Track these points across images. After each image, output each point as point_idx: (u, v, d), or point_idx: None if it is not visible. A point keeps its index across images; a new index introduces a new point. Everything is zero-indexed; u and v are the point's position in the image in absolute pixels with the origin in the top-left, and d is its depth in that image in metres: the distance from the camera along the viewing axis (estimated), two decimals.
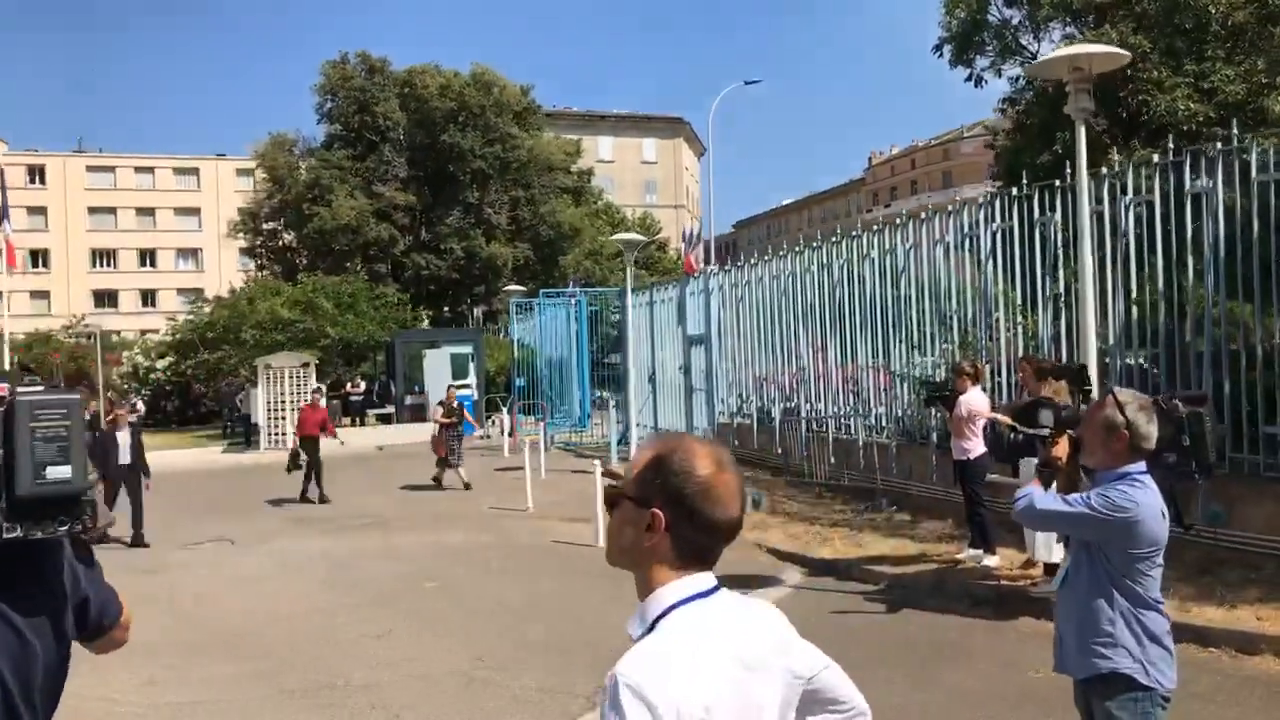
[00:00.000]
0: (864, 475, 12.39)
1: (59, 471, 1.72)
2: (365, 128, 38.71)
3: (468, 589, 9.04)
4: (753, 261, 16.17)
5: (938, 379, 10.60)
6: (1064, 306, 9.58)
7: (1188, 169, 8.39)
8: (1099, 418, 3.18)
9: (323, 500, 14.91)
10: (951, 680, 6.00)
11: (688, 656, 1.52)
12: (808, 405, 14.30)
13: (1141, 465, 3.16)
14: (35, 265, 68.67)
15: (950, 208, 11.39)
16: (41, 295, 67.35)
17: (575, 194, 45.16)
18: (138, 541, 11.74)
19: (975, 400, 8.50)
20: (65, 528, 1.75)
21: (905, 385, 12.01)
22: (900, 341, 12.15)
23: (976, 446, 8.39)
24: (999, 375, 10.32)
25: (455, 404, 16.60)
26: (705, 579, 1.64)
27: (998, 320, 10.56)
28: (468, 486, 15.64)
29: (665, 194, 79.86)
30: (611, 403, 19.33)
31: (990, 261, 10.56)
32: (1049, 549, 7.44)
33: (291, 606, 8.56)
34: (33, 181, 69.47)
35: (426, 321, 39.02)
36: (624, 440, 18.52)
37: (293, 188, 38.17)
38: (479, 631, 7.54)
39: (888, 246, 12.38)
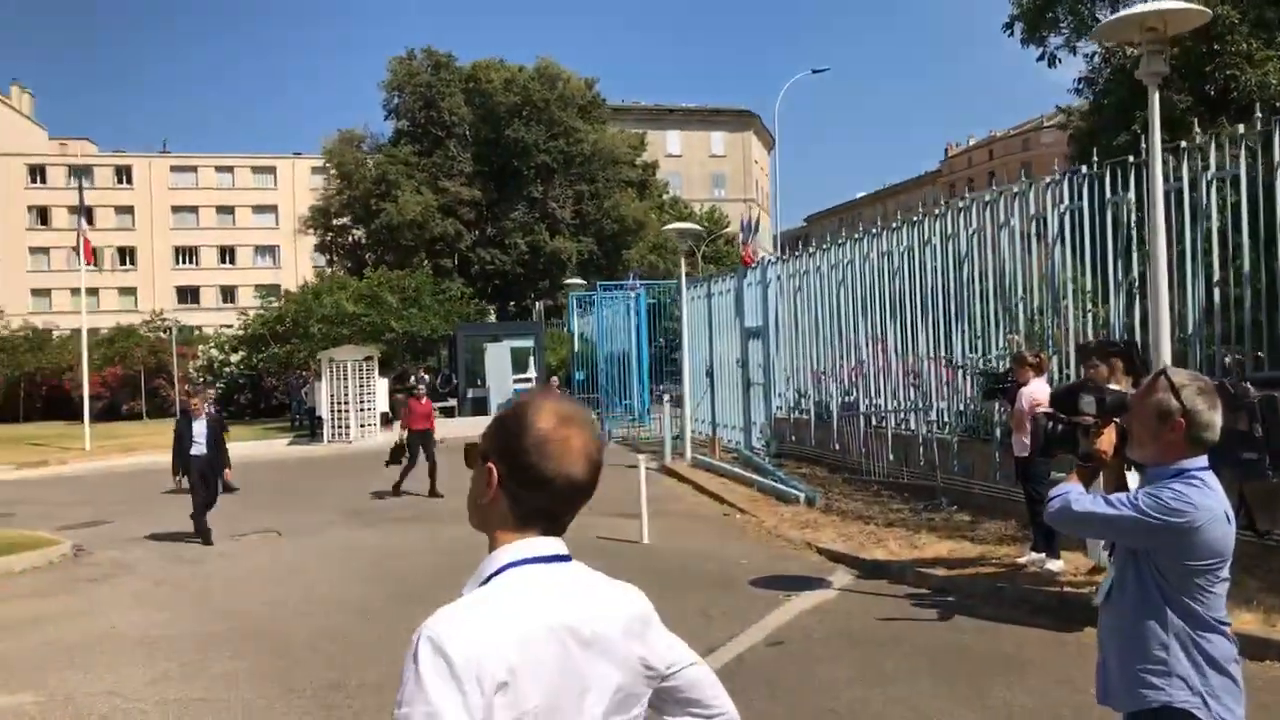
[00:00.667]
0: (924, 473, 11.80)
1: None
2: (431, 123, 38.97)
3: None
4: (810, 250, 15.61)
5: (1000, 371, 9.97)
6: (1138, 294, 8.89)
7: (1278, 142, 7.65)
8: (1149, 403, 2.68)
9: (434, 494, 14.29)
10: (1001, 696, 5.49)
11: (502, 615, 1.45)
12: (866, 399, 13.71)
13: (1201, 460, 2.65)
14: (123, 263, 71.10)
15: (1016, 189, 10.71)
16: (129, 292, 69.68)
17: (640, 187, 44.83)
18: (202, 534, 11.22)
19: (1038, 393, 7.89)
20: None
21: (967, 378, 11.37)
22: (963, 332, 11.51)
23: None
24: (1067, 367, 9.64)
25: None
26: (548, 543, 1.58)
27: (1066, 308, 9.87)
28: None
29: (734, 187, 79.11)
30: (667, 397, 18.92)
31: (1058, 245, 9.88)
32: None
33: (321, 601, 8.38)
34: (120, 182, 71.89)
35: (492, 315, 39.17)
36: (680, 435, 18.13)
37: (360, 183, 38.63)
38: None
39: (950, 231, 11.75)
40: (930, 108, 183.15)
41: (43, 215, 69.75)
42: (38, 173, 70.17)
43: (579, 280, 31.75)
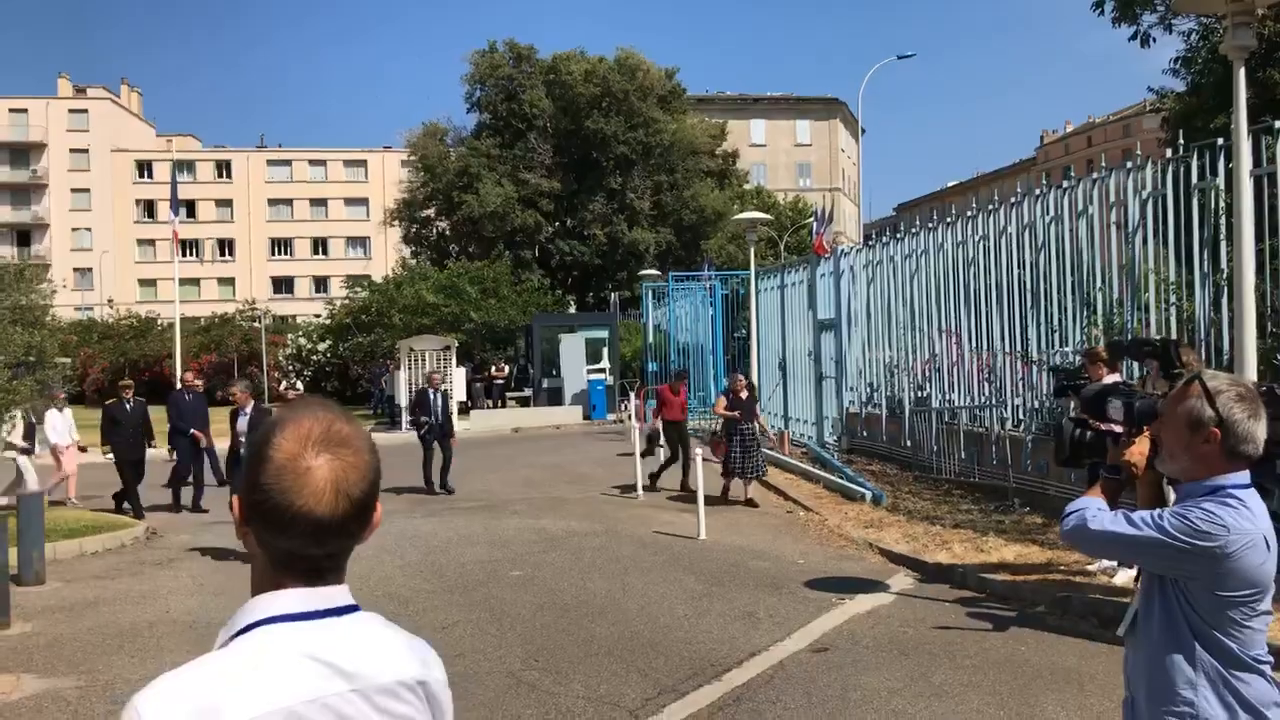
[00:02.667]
0: (996, 472, 11.31)
1: None
2: (512, 115, 39.23)
3: (551, 580, 8.67)
4: (884, 239, 15.13)
5: (1074, 366, 9.44)
6: (1226, 285, 8.29)
7: None
8: (1180, 410, 2.37)
9: (686, 489, 12.60)
10: (1051, 713, 5.14)
11: (227, 692, 1.22)
12: (939, 394, 13.23)
13: (1241, 477, 2.34)
14: (223, 254, 73.78)
15: (1095, 175, 10.12)
16: (227, 282, 72.33)
17: (719, 177, 44.39)
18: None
19: None
20: None
21: (1043, 373, 10.83)
22: (1039, 325, 10.97)
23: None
24: (1146, 364, 9.06)
25: (744, 393, 12.39)
26: (309, 596, 1.31)
27: (1147, 301, 9.28)
28: (750, 503, 12.18)
29: (820, 177, 77.83)
30: None
31: (1139, 235, 9.30)
32: None
33: (371, 591, 8.40)
34: (220, 176, 74.56)
35: (572, 306, 39.30)
36: None
37: (444, 176, 39.14)
38: (546, 627, 7.13)
39: (1026, 220, 11.20)
40: (1028, 94, 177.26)
41: (149, 209, 72.80)
42: (145, 168, 73.24)
43: (654, 271, 31.59)
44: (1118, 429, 2.65)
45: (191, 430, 12.94)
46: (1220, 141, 8.26)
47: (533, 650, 6.55)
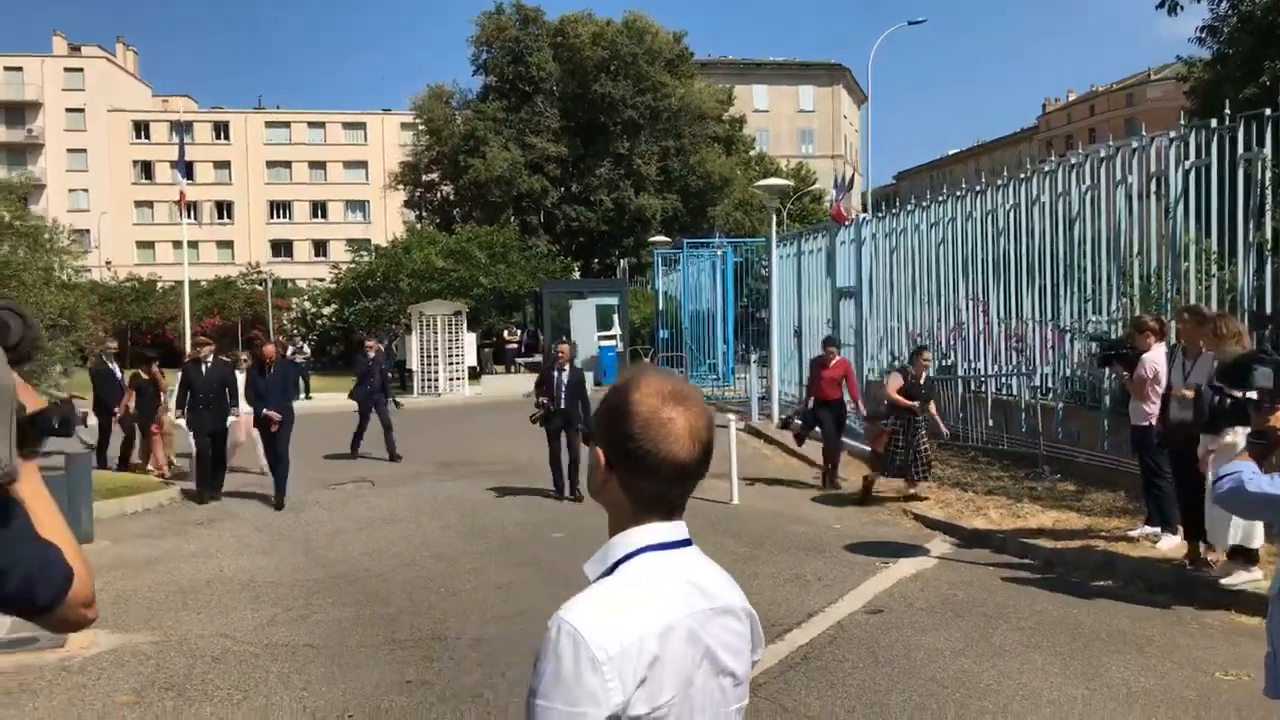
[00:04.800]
0: (1025, 440, 11.42)
1: None
2: (519, 79, 38.91)
3: (593, 542, 8.69)
4: (909, 208, 15.12)
5: (1114, 336, 9.51)
6: (1270, 254, 8.34)
7: None
8: None
9: (832, 483, 11.27)
10: (1119, 675, 5.26)
11: (640, 608, 1.43)
12: (965, 363, 13.30)
13: None
14: (220, 217, 73.29)
15: (1135, 145, 10.13)
16: (226, 245, 71.92)
17: (726, 143, 44.16)
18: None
19: (1160, 359, 7.50)
20: None
21: (1076, 343, 10.90)
22: (1072, 295, 11.02)
23: (1159, 411, 7.41)
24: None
25: (925, 376, 10.48)
26: (669, 529, 1.52)
27: (1187, 271, 9.34)
28: (914, 497, 10.16)
29: (822, 144, 77.42)
30: (754, 358, 18.67)
31: (1180, 205, 9.33)
32: (1234, 532, 6.43)
33: (417, 551, 8.51)
34: (218, 137, 73.86)
35: (577, 273, 39.23)
36: (766, 395, 17.93)
37: (449, 139, 38.88)
38: None
39: (1060, 190, 11.21)
40: (1029, 62, 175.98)
41: (147, 170, 72.22)
42: (142, 128, 72.53)
43: (664, 238, 31.53)
44: (1262, 395, 2.71)
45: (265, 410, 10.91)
46: (1269, 112, 8.27)
47: None
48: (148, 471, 12.73)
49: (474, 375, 27.13)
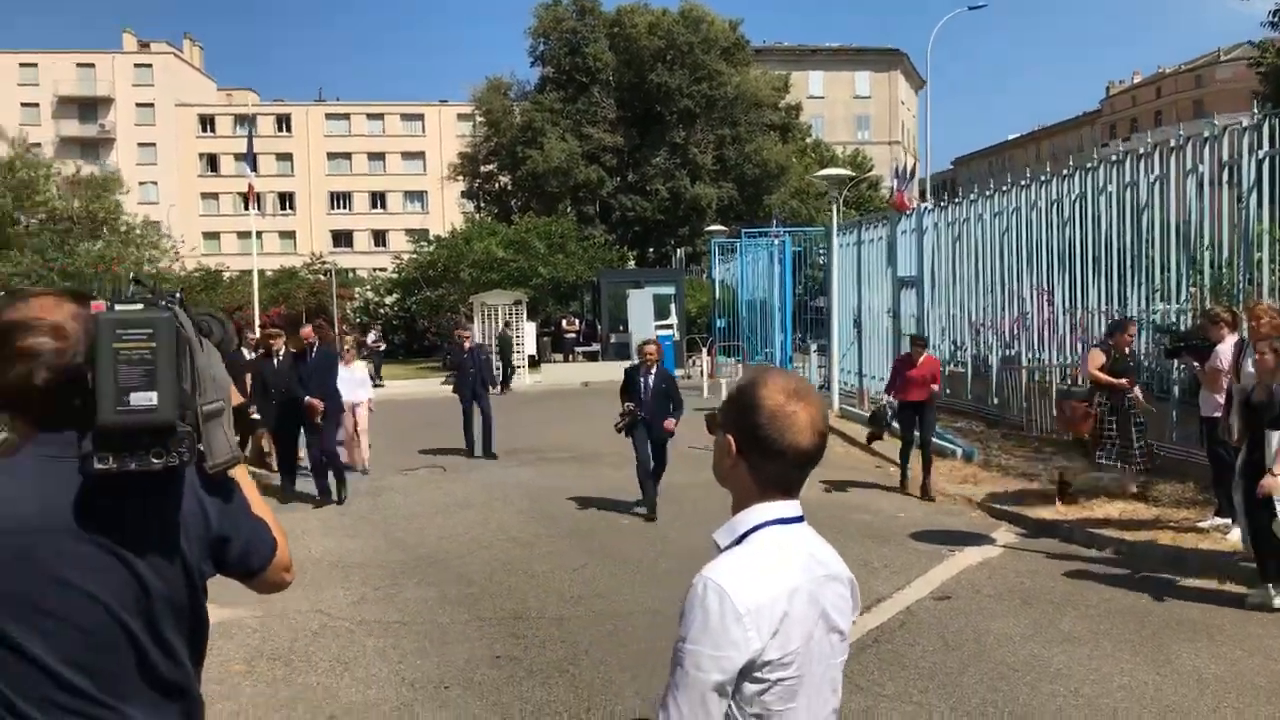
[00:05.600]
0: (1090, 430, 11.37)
1: (143, 398, 1.54)
2: (576, 70, 39.18)
3: (661, 528, 9.01)
4: (971, 198, 15.08)
5: (1184, 327, 9.48)
6: None
7: None
8: None
9: (926, 493, 10.22)
10: (1190, 663, 5.35)
11: (772, 570, 1.68)
12: (1029, 353, 13.28)
13: None
14: (283, 208, 74.89)
15: (1206, 134, 10.04)
16: (288, 235, 73.47)
17: (782, 131, 44.01)
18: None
19: (1232, 352, 7.50)
20: (161, 461, 1.57)
21: (1143, 333, 10.85)
22: (1140, 285, 10.97)
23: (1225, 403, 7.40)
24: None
25: (1128, 348, 9.30)
26: (789, 506, 1.76)
27: (1259, 261, 9.26)
28: (1141, 496, 9.16)
29: (879, 130, 76.65)
30: (813, 347, 18.75)
31: (1253, 194, 9.25)
32: None
33: (493, 535, 8.83)
34: (280, 130, 75.43)
35: (631, 262, 39.48)
36: (826, 385, 18.01)
37: (507, 131, 39.32)
38: (669, 573, 7.45)
39: (1128, 179, 11.15)
40: (1090, 44, 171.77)
41: (212, 163, 74.07)
42: (207, 122, 74.38)
43: (721, 227, 31.63)
44: None
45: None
46: None
47: (665, 593, 6.87)
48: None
49: (533, 364, 27.54)
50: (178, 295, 1.69)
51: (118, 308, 1.57)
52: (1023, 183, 13.47)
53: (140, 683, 1.69)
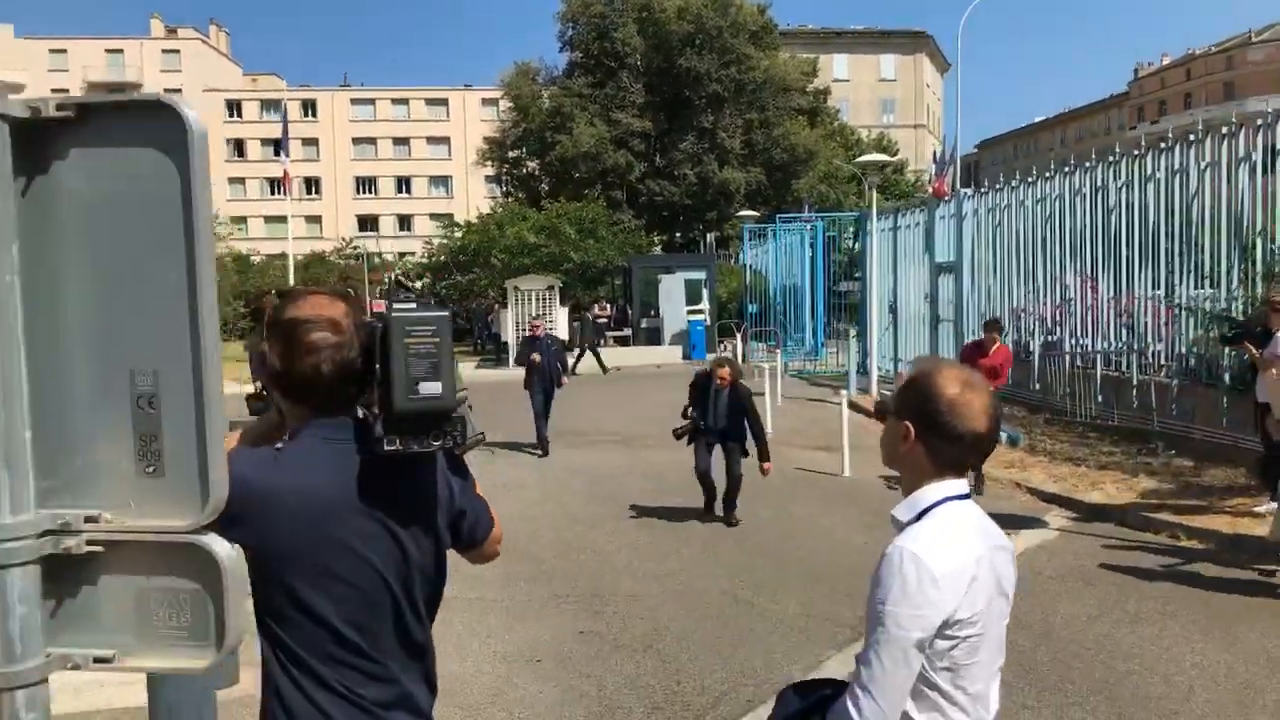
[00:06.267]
0: (1136, 415, 11.49)
1: (430, 387, 1.73)
2: (604, 54, 39.20)
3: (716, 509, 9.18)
4: (1013, 184, 15.12)
5: (1234, 314, 9.55)
6: None
7: None
8: None
9: (977, 489, 9.20)
10: (1258, 644, 5.49)
11: (959, 540, 1.87)
12: (1072, 339, 13.35)
13: None
14: (309, 192, 75.34)
15: (1260, 121, 10.07)
16: (314, 220, 73.96)
17: (811, 115, 43.88)
18: None
19: None
20: (439, 443, 1.77)
21: (1192, 320, 10.92)
22: (1188, 272, 11.03)
23: None
24: None
25: None
26: (960, 484, 1.95)
27: None
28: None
29: (904, 113, 76.18)
30: (852, 332, 18.85)
31: None
32: None
33: (555, 516, 9.04)
34: (306, 115, 75.77)
35: (659, 247, 39.57)
36: (863, 370, 18.12)
37: (536, 116, 39.41)
38: (732, 551, 7.66)
39: (1177, 166, 11.18)
40: (1119, 25, 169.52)
41: (239, 148, 74.55)
42: (234, 107, 74.84)
43: (751, 211, 31.65)
44: None
45: None
46: None
47: (733, 571, 7.08)
48: None
49: (565, 348, 27.71)
50: (438, 294, 1.90)
51: (395, 307, 1.76)
52: (1066, 169, 13.52)
53: (395, 642, 1.90)
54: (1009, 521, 8.49)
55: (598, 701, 4.87)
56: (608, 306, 31.16)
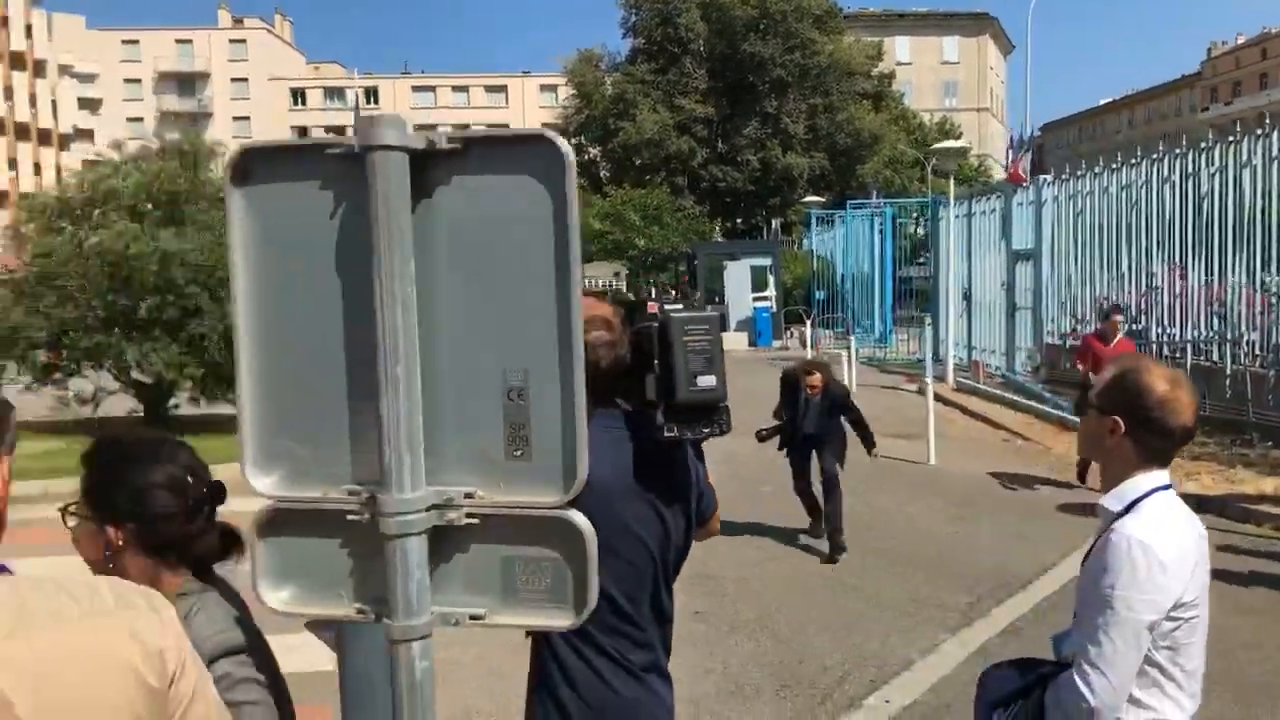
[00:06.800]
0: (1229, 406, 11.33)
1: (707, 380, 1.92)
2: (667, 40, 39.23)
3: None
4: (1095, 170, 14.92)
5: None
6: None
7: None
8: None
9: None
10: None
11: (1178, 527, 2.01)
12: (1158, 328, 13.18)
13: None
14: None
15: None
16: None
17: (875, 99, 43.45)
18: None
19: None
20: (709, 430, 1.97)
21: None
22: None
23: None
24: None
25: None
26: (1165, 476, 2.06)
27: None
28: None
29: (966, 96, 74.87)
30: (926, 320, 18.75)
31: None
32: None
33: None
34: (368, 102, 76.77)
35: (719, 234, 39.58)
36: (938, 358, 18.02)
37: (599, 103, 39.59)
38: (826, 540, 7.76)
39: (1276, 153, 10.98)
40: (1188, 2, 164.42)
41: (303, 135, 75.79)
42: (298, 95, 76.24)
43: (817, 198, 31.52)
44: None
45: None
46: None
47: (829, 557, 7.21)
48: None
49: None
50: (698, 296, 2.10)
51: (669, 308, 1.94)
52: (1154, 156, 13.31)
53: (650, 610, 2.10)
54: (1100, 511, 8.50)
55: (725, 678, 5.05)
56: (672, 293, 31.29)
